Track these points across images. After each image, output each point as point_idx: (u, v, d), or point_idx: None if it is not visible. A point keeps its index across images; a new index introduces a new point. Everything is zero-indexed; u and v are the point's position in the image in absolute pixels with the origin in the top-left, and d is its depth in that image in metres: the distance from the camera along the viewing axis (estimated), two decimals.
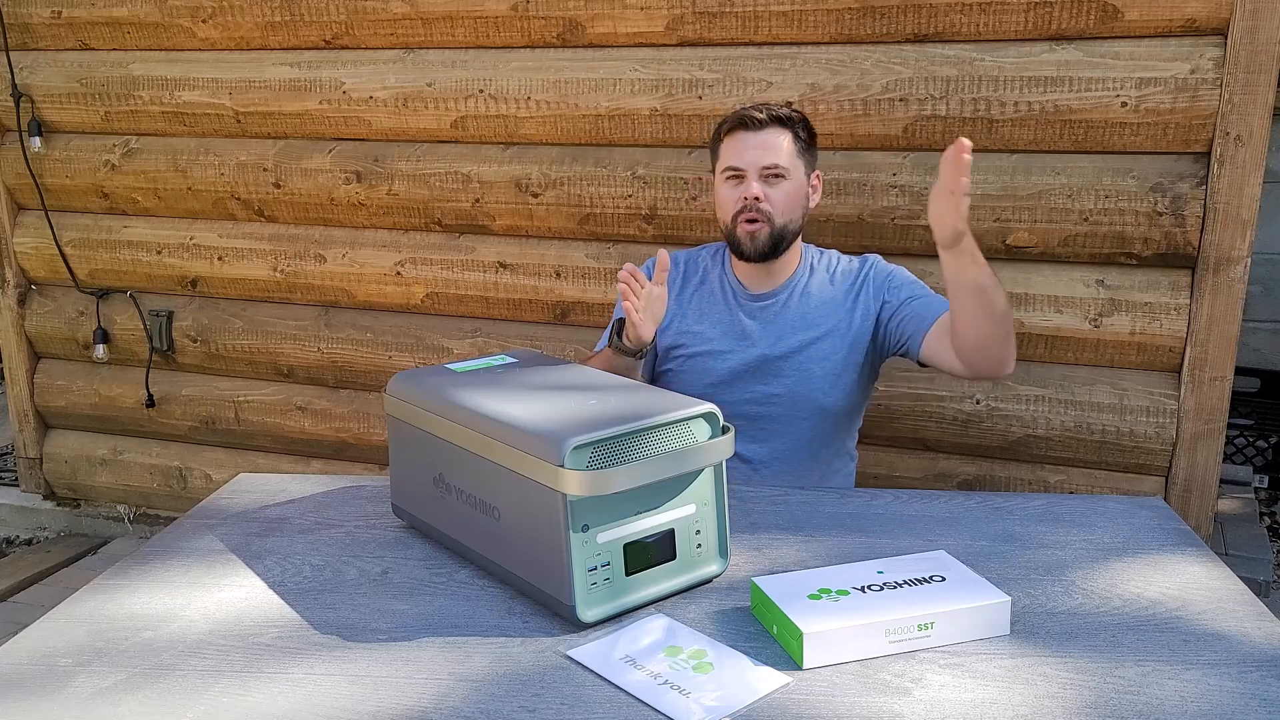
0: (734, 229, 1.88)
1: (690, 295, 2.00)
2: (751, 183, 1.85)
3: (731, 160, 1.88)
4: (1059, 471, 2.36)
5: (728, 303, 1.97)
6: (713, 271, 2.01)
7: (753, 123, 1.86)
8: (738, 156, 1.87)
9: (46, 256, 3.08)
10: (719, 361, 1.93)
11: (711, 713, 1.06)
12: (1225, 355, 2.17)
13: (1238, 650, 1.17)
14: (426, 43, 2.57)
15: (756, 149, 1.86)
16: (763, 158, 1.85)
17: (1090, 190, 2.17)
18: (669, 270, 1.79)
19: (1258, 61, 2.03)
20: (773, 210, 1.85)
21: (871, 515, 1.57)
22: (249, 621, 1.27)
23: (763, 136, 1.86)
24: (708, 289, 1.99)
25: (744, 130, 1.87)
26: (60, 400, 3.19)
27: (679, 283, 2.01)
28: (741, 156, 1.87)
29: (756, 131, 1.86)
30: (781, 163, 1.86)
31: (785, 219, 1.88)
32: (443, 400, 1.38)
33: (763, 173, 1.86)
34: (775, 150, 1.86)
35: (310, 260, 2.81)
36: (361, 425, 2.89)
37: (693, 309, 1.99)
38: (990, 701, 1.08)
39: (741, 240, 1.88)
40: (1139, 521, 1.54)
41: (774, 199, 1.86)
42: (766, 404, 1.92)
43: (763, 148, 1.86)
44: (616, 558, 1.24)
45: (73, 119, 2.95)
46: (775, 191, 1.86)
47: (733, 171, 1.88)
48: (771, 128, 1.87)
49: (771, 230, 1.86)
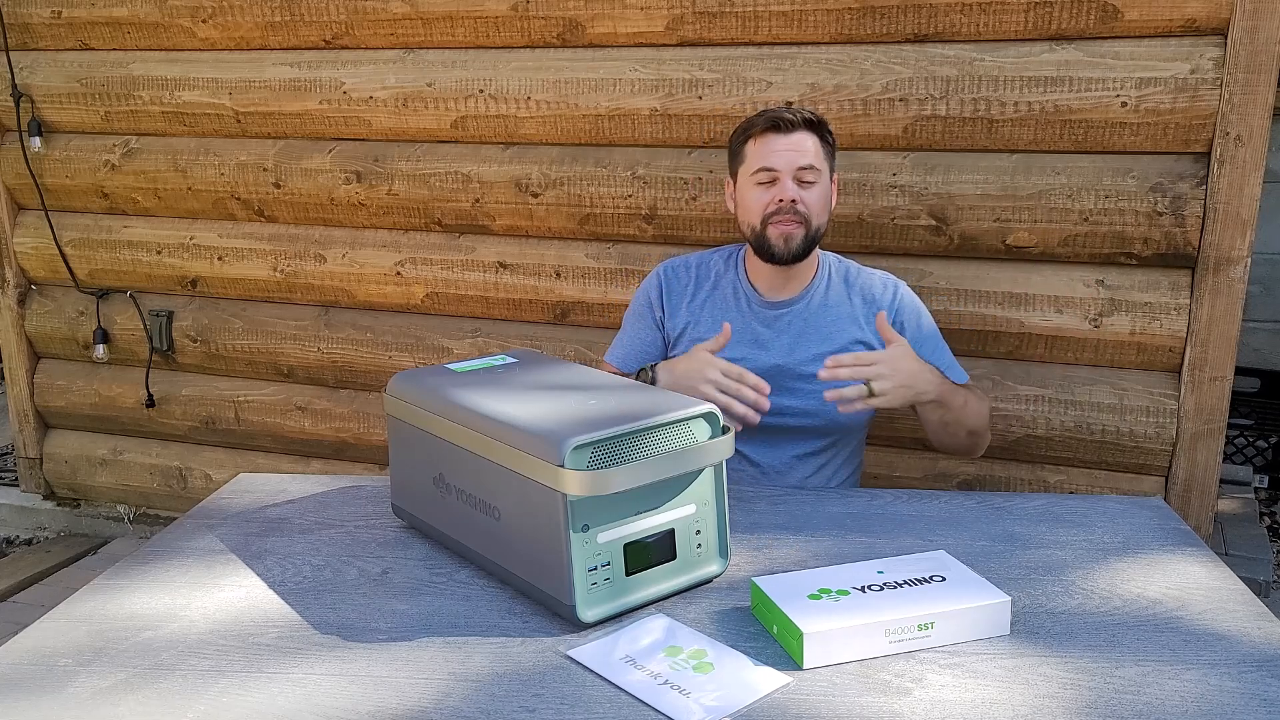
0: (764, 231, 1.85)
1: (703, 301, 1.96)
2: (787, 183, 1.83)
3: (765, 161, 1.84)
4: (1059, 471, 2.36)
5: (741, 309, 1.94)
6: (725, 276, 1.98)
7: (785, 124, 1.84)
8: (771, 157, 1.84)
9: (46, 256, 3.08)
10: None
11: (711, 713, 1.06)
12: (1225, 355, 2.17)
13: (1238, 650, 1.17)
14: (426, 43, 2.57)
15: (790, 150, 1.83)
16: (798, 159, 1.83)
17: (1090, 190, 2.17)
18: (688, 283, 1.88)
19: (1258, 61, 2.03)
20: (809, 212, 1.84)
21: (871, 515, 1.57)
22: (249, 621, 1.27)
23: (795, 138, 1.84)
24: (720, 295, 1.96)
25: (776, 132, 1.84)
26: (60, 400, 3.19)
27: (690, 288, 1.99)
28: (776, 158, 1.84)
29: (788, 134, 1.84)
30: (815, 164, 1.85)
31: (819, 221, 1.87)
32: (443, 400, 1.38)
33: (798, 174, 1.84)
34: (808, 152, 1.84)
35: (310, 260, 2.81)
36: (361, 425, 2.89)
37: (706, 315, 1.95)
38: (990, 701, 1.08)
39: (774, 242, 1.85)
40: (1139, 521, 1.54)
41: (809, 200, 1.84)
42: (780, 415, 1.86)
43: (797, 149, 1.83)
44: (616, 558, 1.24)
45: (73, 119, 2.95)
46: (809, 193, 1.84)
47: (766, 173, 1.85)
48: (803, 130, 1.85)
49: (807, 232, 1.85)
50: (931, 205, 2.27)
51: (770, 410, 1.86)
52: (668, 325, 1.99)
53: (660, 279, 2.01)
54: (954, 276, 2.31)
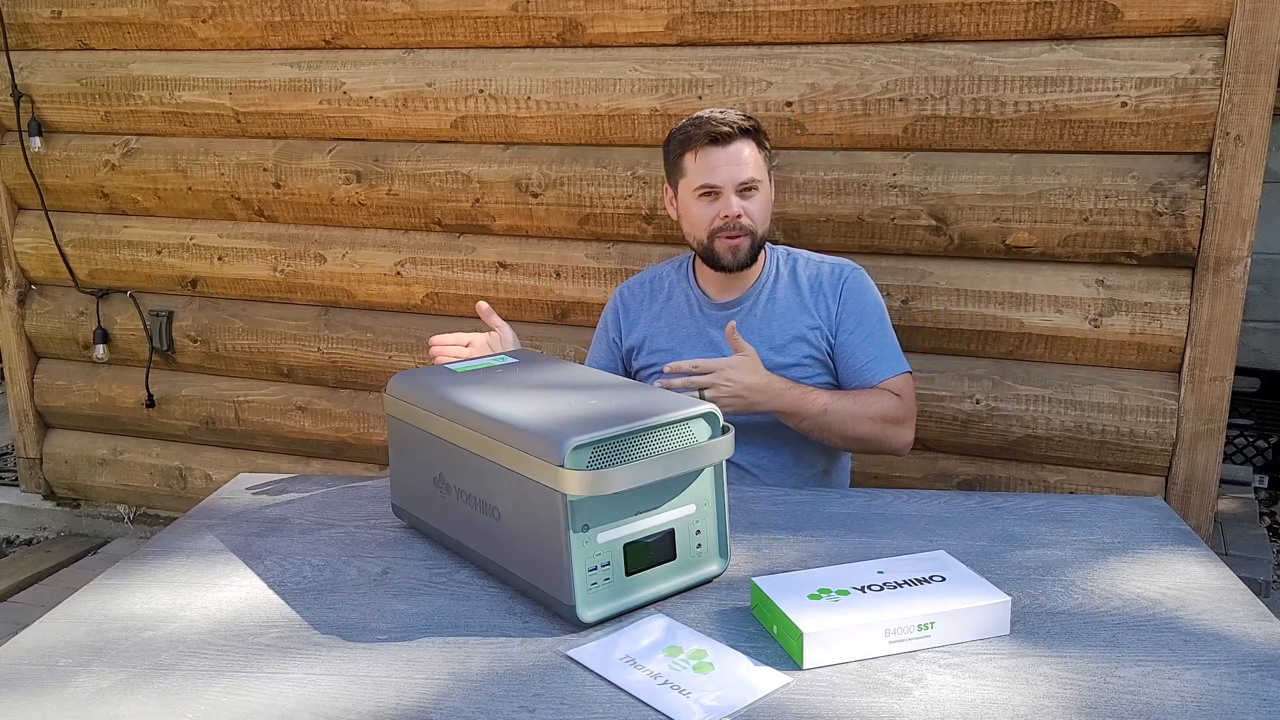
0: (711, 244, 1.88)
1: (658, 313, 2.02)
2: (731, 199, 1.85)
3: (706, 178, 1.86)
4: (1059, 471, 2.36)
5: (694, 315, 1.98)
6: (678, 286, 2.02)
7: (722, 137, 1.85)
8: (712, 174, 1.85)
9: (46, 256, 3.08)
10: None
11: (711, 713, 1.06)
12: (1225, 355, 2.17)
13: (1238, 650, 1.17)
14: (426, 43, 2.57)
15: (730, 165, 1.85)
16: (738, 173, 1.85)
17: (1090, 190, 2.17)
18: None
19: (1258, 61, 2.03)
20: (754, 223, 1.87)
21: (871, 515, 1.57)
22: (249, 621, 1.27)
23: (733, 150, 1.85)
24: (674, 305, 2.01)
25: (714, 145, 1.85)
26: (60, 400, 3.19)
27: (645, 302, 2.03)
28: (717, 173, 1.85)
29: (726, 146, 1.85)
30: (755, 175, 1.86)
31: (763, 228, 1.91)
32: (443, 400, 1.38)
33: (739, 188, 1.86)
34: (747, 163, 1.86)
35: (310, 260, 2.81)
36: (361, 425, 2.89)
37: (663, 325, 2.00)
38: (990, 701, 1.08)
39: (722, 255, 1.88)
40: (1139, 521, 1.54)
41: (752, 211, 1.87)
42: (746, 415, 1.89)
43: (736, 163, 1.85)
44: (616, 558, 1.24)
45: (73, 119, 2.95)
46: (752, 204, 1.87)
47: (708, 189, 1.87)
48: (739, 140, 1.86)
49: (753, 241, 1.88)
50: (931, 205, 2.27)
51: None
52: (625, 343, 2.05)
53: (617, 302, 2.08)
54: (954, 276, 2.31)
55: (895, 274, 2.32)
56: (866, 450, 1.95)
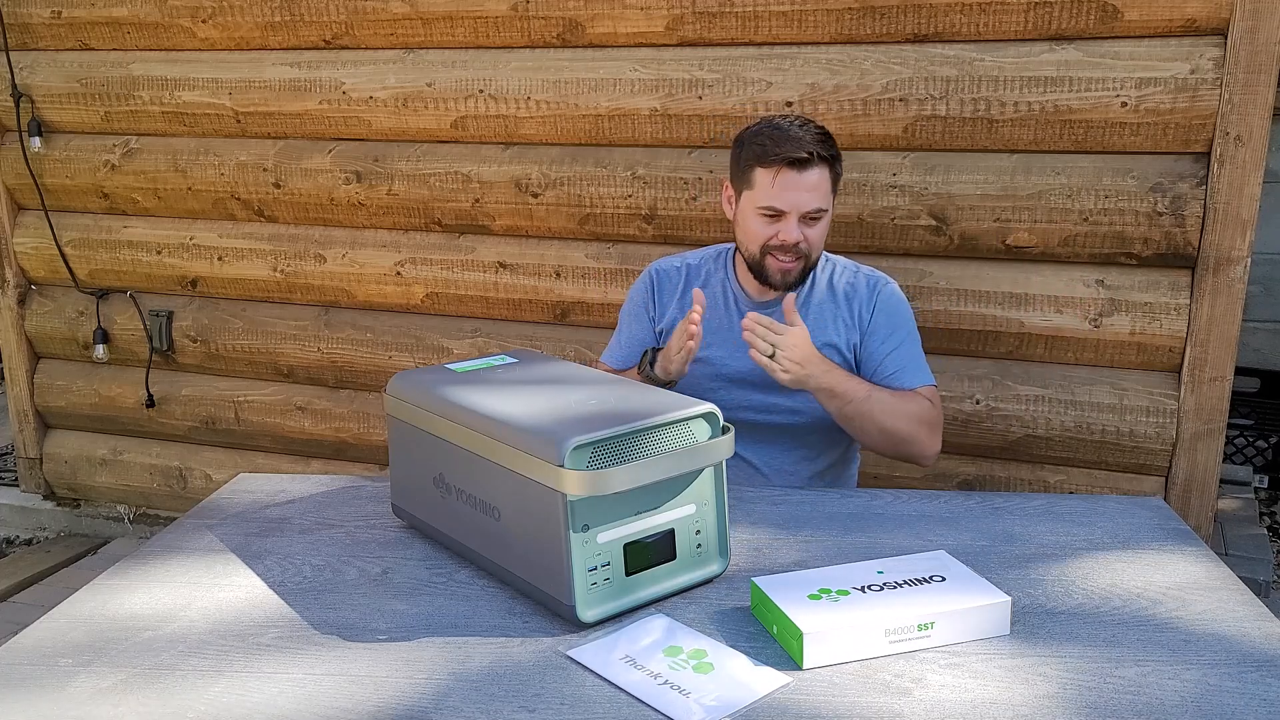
0: (763, 260, 1.84)
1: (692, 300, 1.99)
2: (793, 226, 1.80)
3: (775, 202, 1.80)
4: (1059, 471, 2.36)
5: (729, 309, 1.96)
6: (715, 276, 1.99)
7: (799, 163, 1.77)
8: (782, 198, 1.79)
9: (46, 256, 3.08)
10: (719, 367, 1.93)
11: (711, 713, 1.06)
12: (1225, 355, 2.17)
13: (1238, 650, 1.17)
14: (426, 43, 2.57)
15: (802, 191, 1.79)
16: (808, 201, 1.80)
17: (1090, 190, 2.17)
18: (688, 289, 1.87)
19: (1258, 61, 2.03)
20: (810, 249, 1.84)
21: (871, 515, 1.57)
22: (249, 621, 1.27)
23: (808, 178, 1.78)
24: (710, 294, 1.98)
25: (791, 170, 1.78)
26: (60, 400, 3.19)
27: (680, 286, 2.00)
28: (787, 199, 1.79)
29: (803, 172, 1.78)
30: (823, 205, 1.82)
31: (818, 252, 1.88)
32: (443, 400, 1.38)
33: (804, 215, 1.81)
34: (819, 193, 1.81)
35: (310, 260, 2.81)
36: (361, 425, 2.89)
37: None
38: (990, 701, 1.08)
39: (772, 273, 1.85)
40: (1139, 521, 1.54)
41: (812, 238, 1.83)
42: (766, 412, 1.91)
43: (809, 190, 1.79)
44: (616, 558, 1.24)
45: (73, 119, 2.95)
46: (814, 231, 1.83)
47: (773, 211, 1.81)
48: (817, 167, 1.79)
49: (806, 265, 1.86)
50: (931, 205, 2.27)
51: (758, 408, 1.91)
52: (660, 323, 2.01)
53: (651, 278, 2.03)
54: (954, 276, 2.31)
55: (895, 274, 2.30)
56: (896, 449, 1.87)
